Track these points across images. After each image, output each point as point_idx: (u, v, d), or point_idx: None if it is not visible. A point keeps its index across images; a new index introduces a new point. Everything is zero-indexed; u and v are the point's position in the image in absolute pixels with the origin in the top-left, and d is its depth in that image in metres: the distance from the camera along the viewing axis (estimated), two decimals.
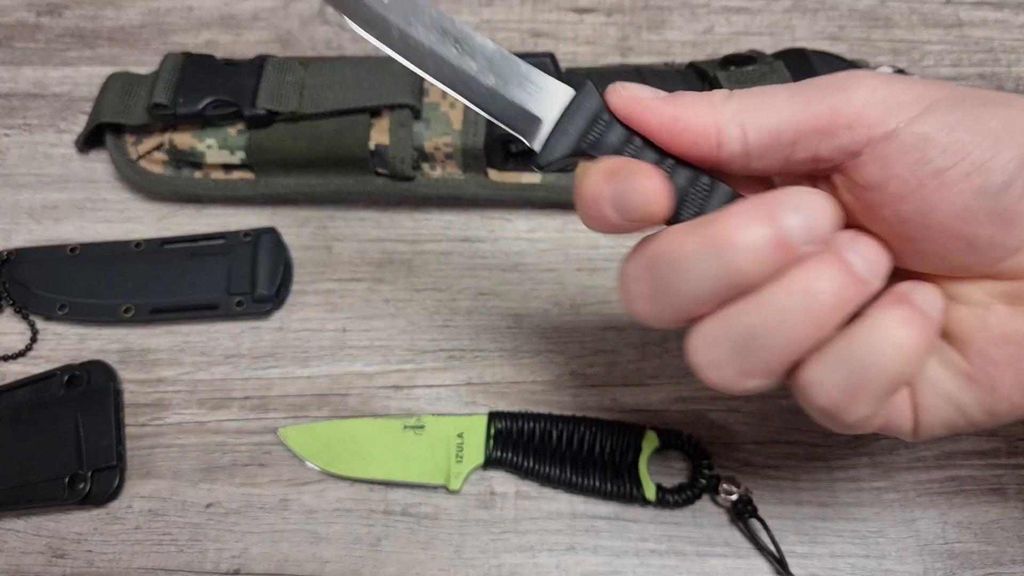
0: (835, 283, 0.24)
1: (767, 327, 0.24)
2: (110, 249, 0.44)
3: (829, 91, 0.25)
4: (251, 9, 0.52)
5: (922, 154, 0.24)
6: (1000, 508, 0.37)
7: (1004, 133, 0.24)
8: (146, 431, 0.40)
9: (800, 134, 0.25)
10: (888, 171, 0.25)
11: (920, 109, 0.24)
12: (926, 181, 0.24)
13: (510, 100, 0.26)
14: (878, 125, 0.24)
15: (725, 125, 0.26)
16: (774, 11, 0.51)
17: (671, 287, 0.25)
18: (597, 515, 0.38)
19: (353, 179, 0.44)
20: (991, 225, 0.24)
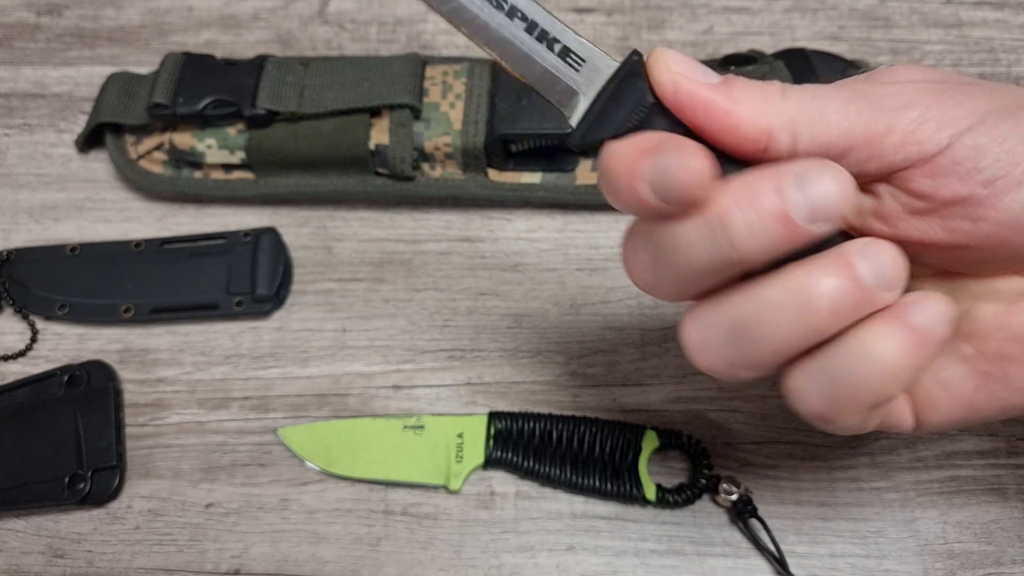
0: (834, 287, 0.23)
1: (760, 320, 0.24)
2: (110, 249, 0.44)
3: (884, 107, 0.25)
4: (251, 9, 0.52)
5: (975, 164, 0.24)
6: (1000, 508, 0.37)
7: None
8: (146, 431, 0.40)
9: (851, 150, 0.25)
10: (939, 181, 0.25)
11: (973, 121, 0.24)
12: (977, 190, 0.24)
13: (548, 68, 0.24)
14: (931, 141, 0.24)
15: (778, 132, 0.24)
16: (774, 11, 0.51)
17: (668, 260, 0.24)
18: (597, 515, 0.38)
19: (353, 179, 0.44)
20: None
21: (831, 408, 0.25)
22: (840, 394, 0.24)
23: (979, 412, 0.27)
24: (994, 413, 0.28)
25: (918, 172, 0.25)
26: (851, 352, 0.24)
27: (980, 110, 0.25)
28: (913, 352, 0.24)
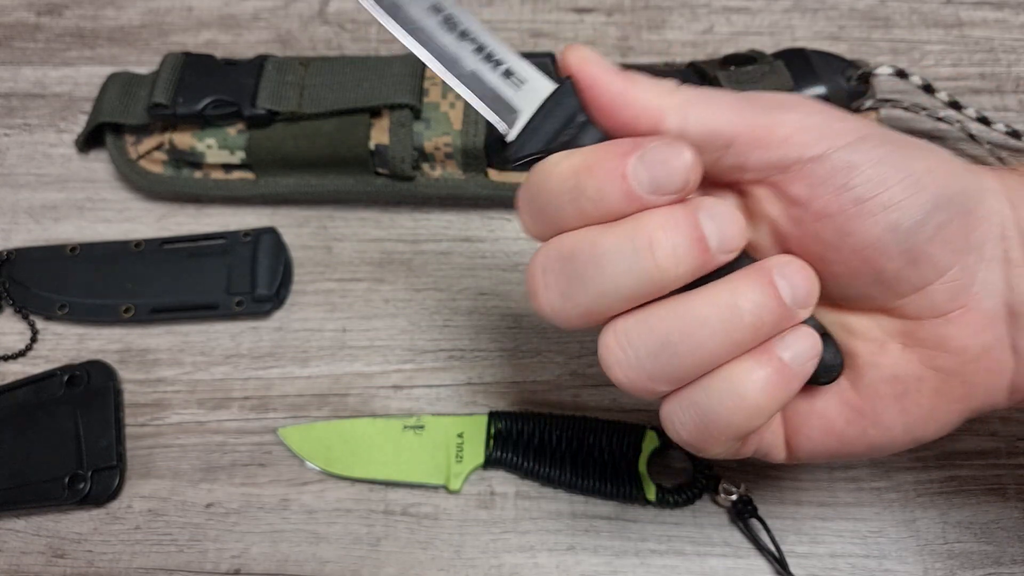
0: (759, 304, 0.24)
1: (686, 335, 0.24)
2: (110, 249, 0.44)
3: (770, 106, 0.26)
4: (251, 9, 0.52)
5: (847, 180, 0.25)
6: (1000, 508, 0.37)
7: (925, 176, 0.25)
8: (146, 431, 0.40)
9: (736, 138, 0.26)
10: (814, 190, 0.25)
11: (852, 139, 0.25)
12: (847, 207, 0.25)
13: (490, 87, 0.26)
14: (810, 146, 0.25)
15: (669, 111, 0.26)
16: (774, 11, 0.51)
17: (588, 282, 0.25)
18: (597, 515, 0.38)
19: (353, 179, 0.44)
20: (900, 260, 0.25)
21: (700, 438, 0.26)
22: (708, 426, 0.25)
23: (849, 447, 0.28)
24: (862, 451, 0.28)
25: (796, 176, 0.25)
26: (719, 386, 0.25)
27: (861, 131, 0.26)
28: (778, 388, 0.25)
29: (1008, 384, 0.27)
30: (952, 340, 0.26)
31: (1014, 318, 0.26)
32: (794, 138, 0.25)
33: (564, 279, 0.25)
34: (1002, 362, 0.26)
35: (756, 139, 0.26)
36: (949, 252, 0.25)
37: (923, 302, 0.26)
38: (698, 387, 0.25)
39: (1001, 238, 0.26)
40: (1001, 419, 0.39)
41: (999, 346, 0.26)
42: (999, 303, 0.26)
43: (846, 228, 0.25)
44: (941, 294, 0.26)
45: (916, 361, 0.27)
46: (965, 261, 0.26)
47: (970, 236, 0.25)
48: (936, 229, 0.25)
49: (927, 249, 0.25)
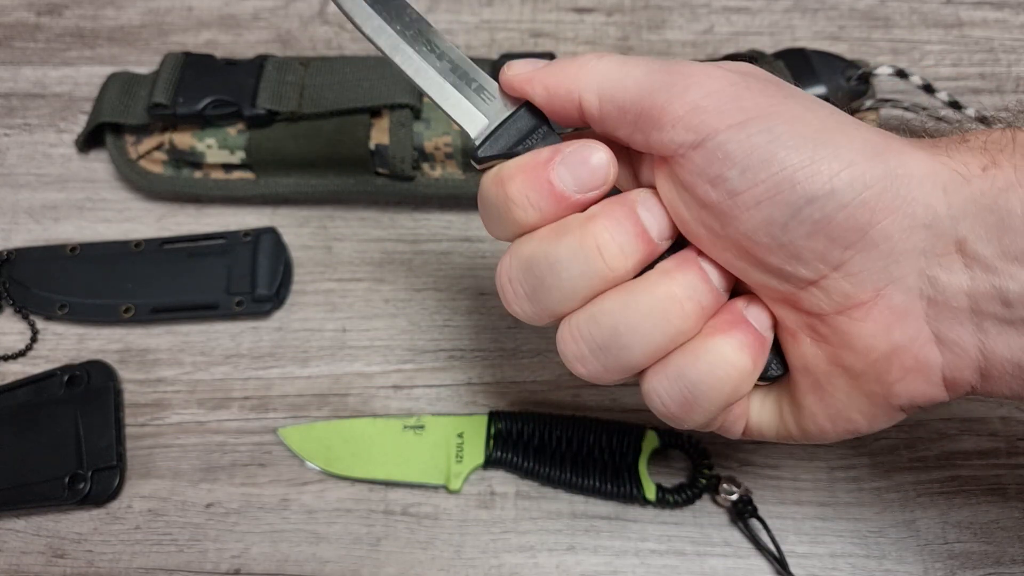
0: (695, 288, 0.26)
1: (631, 327, 0.26)
2: (110, 249, 0.44)
3: (672, 83, 0.25)
4: (251, 9, 0.52)
5: (720, 171, 0.24)
6: (1000, 508, 0.37)
7: (803, 170, 0.24)
8: (146, 431, 0.40)
9: (639, 115, 0.26)
10: (694, 178, 0.25)
11: (734, 122, 0.24)
12: (723, 198, 0.25)
13: (463, 100, 0.29)
14: (693, 131, 0.25)
15: (583, 92, 0.27)
16: (774, 11, 0.51)
17: (549, 287, 0.27)
18: (597, 515, 0.38)
19: (353, 179, 0.44)
20: (780, 254, 0.25)
21: (686, 410, 0.27)
22: (695, 397, 0.26)
23: (787, 431, 0.29)
24: (798, 436, 0.29)
25: (683, 161, 0.25)
26: (704, 359, 0.26)
27: (746, 112, 0.24)
28: (757, 351, 0.26)
29: (940, 379, 0.25)
30: (856, 338, 0.25)
31: (936, 310, 0.24)
32: (684, 120, 0.25)
33: (529, 286, 0.27)
34: (922, 359, 0.25)
35: (653, 118, 0.25)
36: (837, 247, 0.24)
37: (820, 295, 0.25)
38: (681, 359, 0.26)
39: (916, 228, 0.24)
40: (1001, 419, 0.39)
41: (915, 344, 0.24)
42: (913, 297, 0.24)
43: (723, 219, 0.25)
44: (837, 288, 0.25)
45: (823, 357, 0.26)
46: (862, 256, 0.24)
47: (867, 231, 0.24)
48: (815, 224, 0.24)
49: (807, 244, 0.24)
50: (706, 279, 0.26)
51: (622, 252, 0.26)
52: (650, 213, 0.26)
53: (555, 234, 0.26)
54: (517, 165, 0.27)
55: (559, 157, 0.26)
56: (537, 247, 0.27)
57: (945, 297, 0.24)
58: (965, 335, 0.24)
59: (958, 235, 0.24)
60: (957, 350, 0.24)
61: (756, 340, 0.26)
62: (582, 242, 0.26)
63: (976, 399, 0.39)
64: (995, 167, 0.24)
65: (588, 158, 0.26)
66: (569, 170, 0.26)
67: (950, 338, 0.24)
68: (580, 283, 0.26)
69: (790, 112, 0.25)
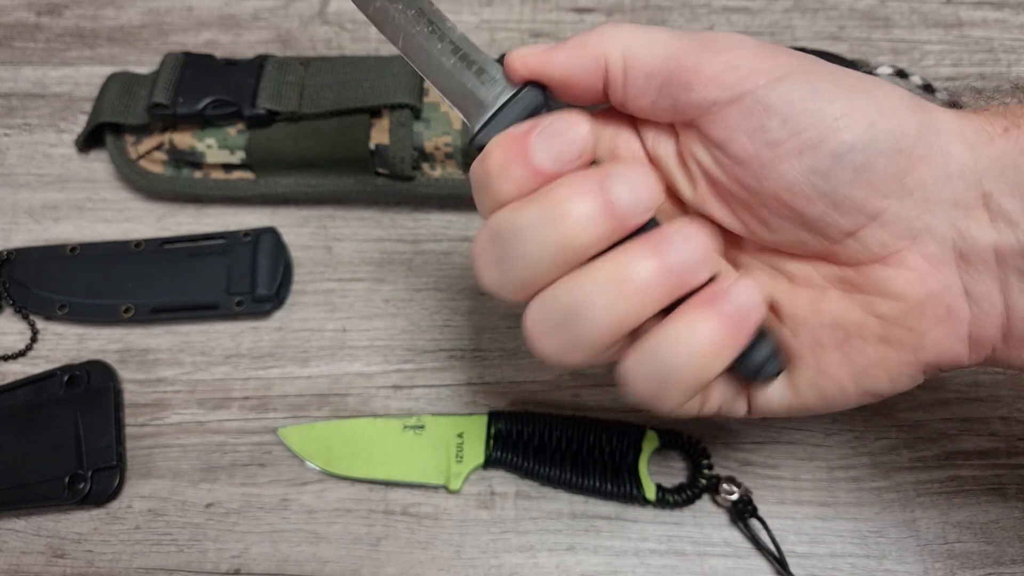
0: (648, 270, 0.25)
1: (584, 304, 0.25)
2: (110, 249, 0.44)
3: (702, 47, 0.26)
4: (251, 9, 0.52)
5: (761, 123, 0.25)
6: (1000, 508, 0.37)
7: (843, 119, 0.24)
8: (146, 431, 0.40)
9: (667, 79, 0.26)
10: (730, 133, 0.25)
11: (773, 78, 0.25)
12: (762, 151, 0.25)
13: (462, 83, 0.28)
14: (729, 88, 0.25)
15: (612, 58, 0.27)
16: (774, 11, 0.51)
17: (514, 255, 0.26)
18: (597, 515, 0.38)
19: (353, 179, 0.44)
20: (821, 204, 0.25)
21: (661, 391, 0.26)
22: (668, 377, 0.25)
23: (802, 400, 0.28)
24: (816, 403, 0.28)
25: (716, 118, 0.25)
26: (674, 337, 0.25)
27: (784, 68, 0.25)
28: (730, 334, 0.25)
29: (966, 335, 0.26)
30: (891, 285, 0.26)
31: (966, 264, 0.25)
32: (718, 78, 0.25)
33: (497, 256, 0.26)
34: (954, 310, 0.25)
35: (683, 80, 0.26)
36: (876, 194, 0.25)
37: (857, 246, 0.26)
38: (650, 339, 0.25)
39: (949, 179, 0.25)
40: (1002, 419, 0.39)
41: (948, 293, 0.25)
42: (946, 248, 0.25)
43: (763, 172, 0.25)
44: (875, 238, 0.25)
45: (856, 307, 0.26)
46: (899, 204, 0.25)
47: (903, 178, 0.24)
48: (855, 172, 0.24)
49: (848, 192, 0.25)
50: (665, 261, 0.25)
51: (583, 222, 0.24)
52: (625, 185, 0.25)
53: (522, 203, 0.26)
54: (497, 139, 0.26)
55: (537, 129, 0.26)
56: (505, 216, 0.26)
57: (976, 250, 0.25)
58: (992, 290, 0.25)
59: (984, 189, 0.24)
60: (984, 304, 0.25)
61: (727, 319, 0.25)
62: (545, 209, 0.25)
63: (979, 396, 0.39)
64: (1016, 128, 0.25)
65: (565, 130, 0.25)
66: (546, 142, 0.25)
67: (978, 292, 0.25)
68: (542, 252, 0.25)
69: (827, 68, 0.25)
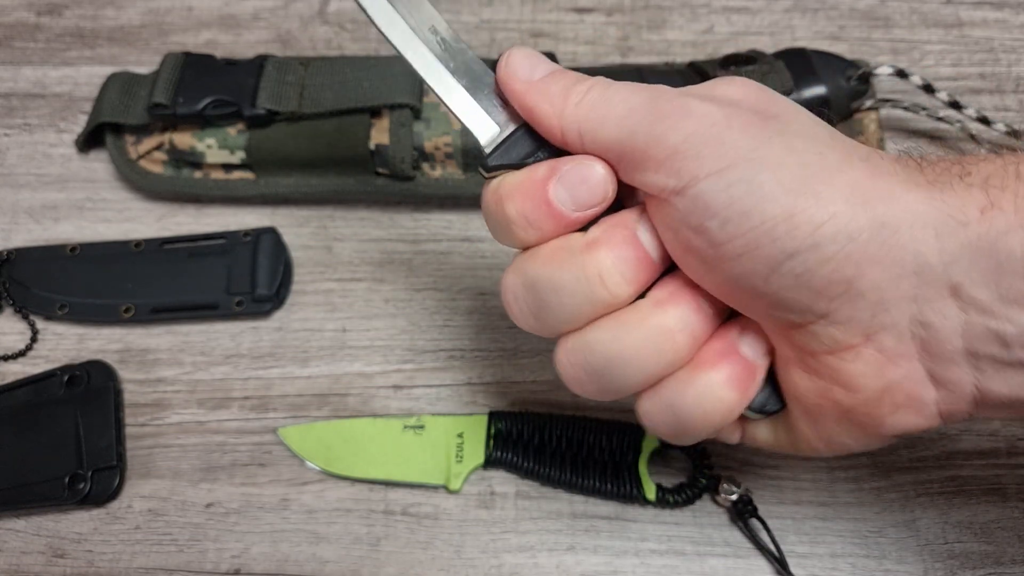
0: (687, 320, 0.26)
1: (625, 358, 0.26)
2: (110, 249, 0.44)
3: (652, 124, 0.25)
4: (251, 9, 0.52)
5: (701, 222, 0.24)
6: (1000, 508, 0.37)
7: (784, 223, 0.23)
8: (146, 431, 0.40)
9: (621, 157, 0.26)
10: (677, 226, 0.25)
11: (716, 169, 0.24)
12: (705, 248, 0.24)
13: (475, 104, 0.29)
14: (676, 175, 0.24)
15: (567, 130, 0.27)
16: (774, 11, 0.51)
17: (552, 307, 0.27)
18: (597, 515, 0.38)
19: (353, 179, 0.44)
20: (763, 302, 0.25)
21: (677, 434, 0.28)
22: (685, 425, 0.27)
23: (782, 446, 0.29)
24: (792, 450, 0.29)
25: (664, 206, 0.25)
26: (693, 392, 0.26)
27: (730, 157, 0.24)
28: (748, 383, 0.27)
29: (934, 412, 0.25)
30: (847, 378, 0.25)
31: (931, 352, 0.24)
32: (665, 165, 0.24)
33: (533, 305, 0.27)
34: (915, 396, 0.25)
35: (635, 161, 0.25)
36: (822, 299, 0.24)
37: (809, 338, 0.25)
38: (671, 389, 0.27)
39: (905, 276, 0.23)
40: (1001, 419, 0.39)
41: (908, 382, 0.24)
42: (905, 340, 0.24)
43: (707, 266, 0.25)
44: (826, 333, 0.24)
45: (814, 390, 0.26)
46: (849, 306, 0.24)
47: (853, 282, 0.23)
48: (797, 278, 0.23)
49: (791, 296, 0.24)
50: (699, 308, 0.26)
51: (624, 279, 0.26)
52: (651, 235, 0.26)
53: (558, 259, 0.26)
54: (514, 183, 0.27)
55: (557, 175, 0.26)
56: (541, 270, 0.27)
57: (939, 339, 0.24)
58: (961, 374, 0.24)
59: (952, 280, 0.23)
60: (952, 387, 0.24)
61: (745, 372, 0.27)
62: (584, 270, 0.26)
63: None
64: (994, 208, 0.23)
65: (587, 176, 0.26)
66: (567, 188, 0.26)
67: (945, 377, 0.24)
68: (583, 308, 0.26)
69: (772, 156, 0.24)
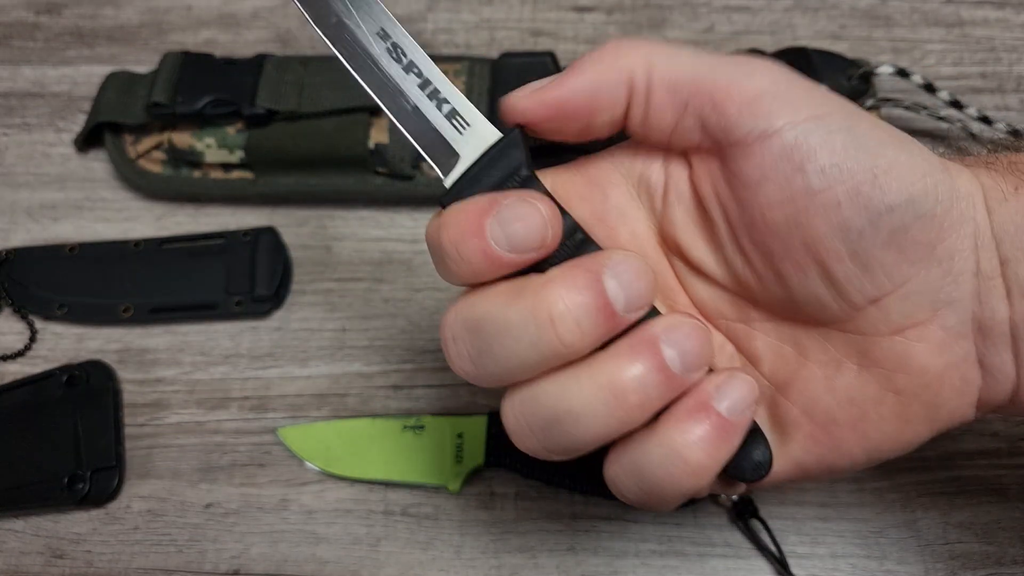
0: (644, 378, 0.23)
1: (573, 414, 0.23)
2: (109, 249, 0.44)
3: (735, 66, 0.24)
4: (250, 8, 0.52)
5: (800, 167, 0.23)
6: (1001, 508, 0.37)
7: (887, 173, 0.22)
8: (145, 431, 0.40)
9: (695, 94, 0.24)
10: (763, 172, 0.23)
11: (812, 114, 0.23)
12: (797, 197, 0.23)
13: (432, 126, 0.25)
14: (765, 117, 0.23)
15: (636, 68, 0.24)
16: (775, 10, 0.51)
17: (495, 352, 0.23)
18: (597, 515, 0.38)
19: (353, 178, 0.44)
20: (850, 263, 0.23)
21: (647, 501, 0.25)
22: (652, 490, 0.24)
23: (807, 473, 0.27)
24: (821, 475, 0.27)
25: (747, 152, 0.23)
26: (658, 450, 0.23)
27: (824, 105, 0.23)
28: (719, 443, 0.23)
29: (974, 400, 0.25)
30: (911, 360, 0.24)
31: (984, 334, 0.24)
32: (753, 105, 0.23)
33: (473, 349, 0.24)
34: (968, 380, 0.24)
35: (714, 100, 0.23)
36: (906, 261, 0.23)
37: (879, 316, 0.24)
38: (636, 450, 0.24)
39: (973, 249, 0.23)
40: (1003, 419, 0.39)
41: (964, 364, 0.24)
42: (966, 320, 0.24)
43: (795, 220, 0.23)
44: (898, 308, 0.24)
45: (873, 383, 0.25)
46: (927, 273, 0.23)
47: (935, 247, 0.23)
48: (891, 234, 0.23)
49: (880, 255, 0.23)
50: (662, 367, 0.23)
51: (578, 327, 0.22)
52: (619, 281, 0.23)
53: (506, 296, 0.23)
54: (453, 212, 0.24)
55: (495, 210, 0.23)
56: (486, 307, 0.24)
57: (994, 322, 0.24)
58: (1007, 361, 0.24)
59: (1001, 255, 0.23)
60: (996, 374, 0.24)
61: (718, 428, 0.23)
62: (535, 310, 0.22)
63: None
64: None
65: (525, 215, 0.23)
66: (502, 227, 0.23)
67: (992, 363, 0.24)
68: (529, 355, 0.23)
69: (860, 115, 0.23)
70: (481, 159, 0.24)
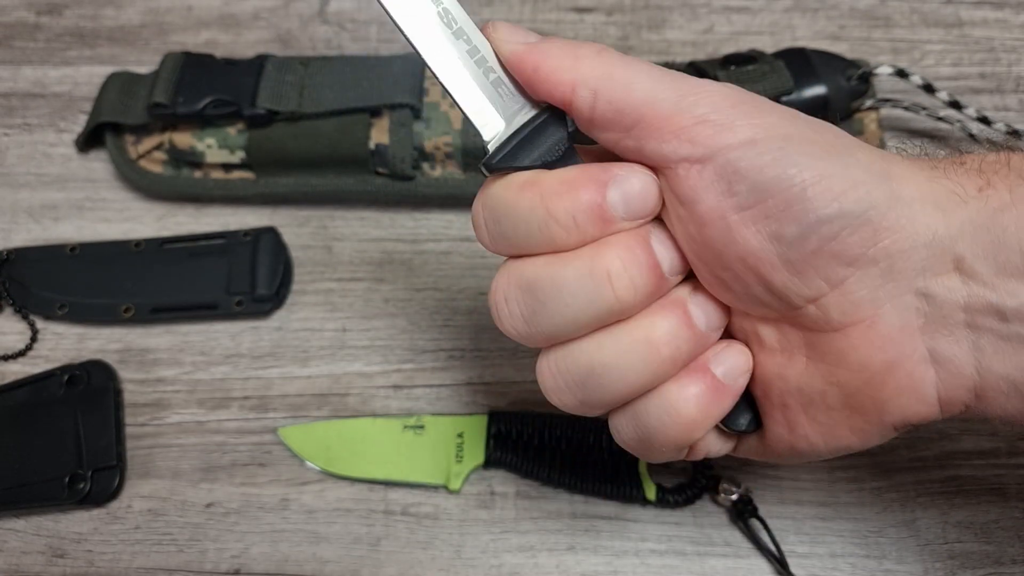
0: (675, 332, 0.25)
1: (609, 368, 0.26)
2: (110, 249, 0.44)
3: (679, 93, 0.25)
4: (251, 9, 0.52)
5: (729, 186, 0.24)
6: (1000, 508, 0.37)
7: (812, 188, 0.24)
8: (146, 431, 0.40)
9: (637, 123, 0.25)
10: (697, 193, 0.24)
11: (746, 139, 0.24)
12: (728, 214, 0.24)
13: (480, 93, 0.26)
14: (700, 145, 0.24)
15: (580, 86, 0.25)
16: (774, 10, 0.51)
17: (549, 311, 0.26)
18: (597, 515, 0.38)
19: (353, 179, 0.44)
20: (784, 271, 0.24)
21: (643, 449, 0.28)
22: (649, 440, 0.27)
23: (772, 450, 0.29)
24: (788, 455, 0.28)
25: (684, 174, 0.25)
26: (656, 404, 0.26)
27: (759, 129, 0.24)
28: (712, 403, 0.26)
29: (934, 398, 0.25)
30: (850, 356, 0.25)
31: (932, 329, 0.25)
32: (689, 133, 0.24)
33: (527, 307, 0.26)
34: (917, 377, 0.25)
35: (653, 128, 0.25)
36: (841, 264, 0.24)
37: (819, 314, 0.25)
38: (638, 404, 0.26)
39: (915, 248, 0.24)
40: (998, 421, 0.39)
41: (910, 361, 0.25)
42: (909, 316, 0.25)
43: (729, 235, 0.24)
44: (837, 307, 0.25)
45: (818, 375, 0.26)
46: (862, 274, 0.24)
47: (868, 249, 0.24)
48: (820, 242, 0.24)
49: (812, 261, 0.24)
50: (689, 324, 0.26)
51: (632, 284, 0.25)
52: (663, 246, 0.26)
53: (564, 256, 0.25)
54: (564, 181, 0.25)
55: (613, 180, 0.25)
56: (543, 268, 0.26)
57: (942, 313, 0.24)
58: (961, 352, 0.25)
59: (956, 253, 0.24)
60: (952, 368, 0.25)
61: (713, 391, 0.26)
62: (592, 268, 0.25)
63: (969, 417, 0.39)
64: (990, 188, 0.24)
65: (642, 186, 0.25)
66: (622, 195, 0.25)
67: (946, 355, 0.25)
68: (585, 311, 0.25)
69: (800, 132, 0.25)
70: (525, 126, 0.26)
